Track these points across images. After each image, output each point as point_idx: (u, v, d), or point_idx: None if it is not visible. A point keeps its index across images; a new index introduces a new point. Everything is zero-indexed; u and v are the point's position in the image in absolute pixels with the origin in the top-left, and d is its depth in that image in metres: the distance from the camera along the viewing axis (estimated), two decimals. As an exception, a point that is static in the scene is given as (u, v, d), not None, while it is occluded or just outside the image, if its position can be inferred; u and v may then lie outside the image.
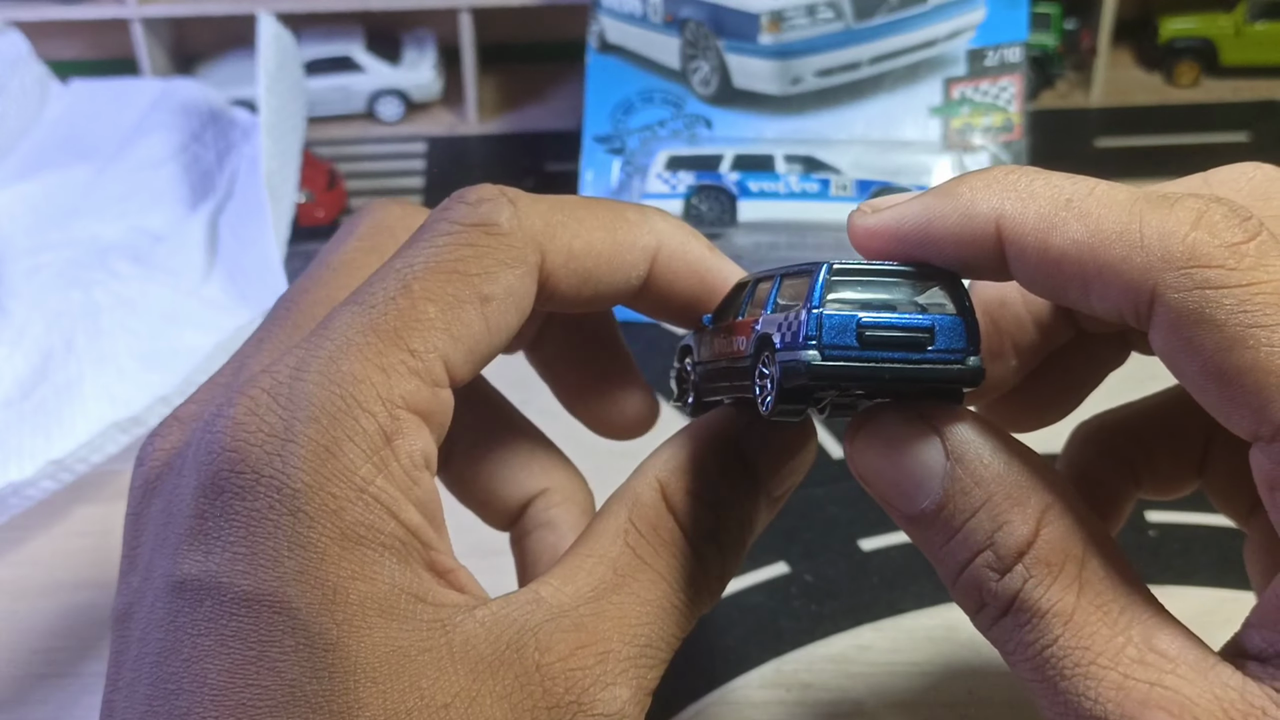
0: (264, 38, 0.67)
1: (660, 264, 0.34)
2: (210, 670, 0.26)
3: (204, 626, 0.26)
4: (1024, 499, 0.28)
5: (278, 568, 0.26)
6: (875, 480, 0.30)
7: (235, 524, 0.27)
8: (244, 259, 0.64)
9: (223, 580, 0.26)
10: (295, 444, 0.27)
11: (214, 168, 0.71)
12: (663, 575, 0.31)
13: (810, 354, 0.28)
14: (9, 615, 0.51)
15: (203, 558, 0.27)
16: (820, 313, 0.28)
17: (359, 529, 0.27)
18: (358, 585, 0.27)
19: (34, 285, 0.63)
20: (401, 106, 0.85)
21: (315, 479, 0.27)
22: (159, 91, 0.75)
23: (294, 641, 0.26)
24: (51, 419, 0.54)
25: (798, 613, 0.50)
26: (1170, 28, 0.86)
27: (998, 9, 0.72)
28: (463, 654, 0.27)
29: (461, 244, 0.30)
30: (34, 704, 0.48)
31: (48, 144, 0.73)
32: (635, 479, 0.32)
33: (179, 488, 0.29)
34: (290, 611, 0.26)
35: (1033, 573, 0.27)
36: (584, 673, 0.28)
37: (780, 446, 0.33)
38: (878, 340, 0.28)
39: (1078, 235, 0.27)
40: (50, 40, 0.82)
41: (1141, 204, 0.27)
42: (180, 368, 0.57)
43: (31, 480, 0.52)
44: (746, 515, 0.33)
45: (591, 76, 0.75)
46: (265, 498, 0.27)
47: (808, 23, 0.71)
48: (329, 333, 0.29)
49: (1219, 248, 0.26)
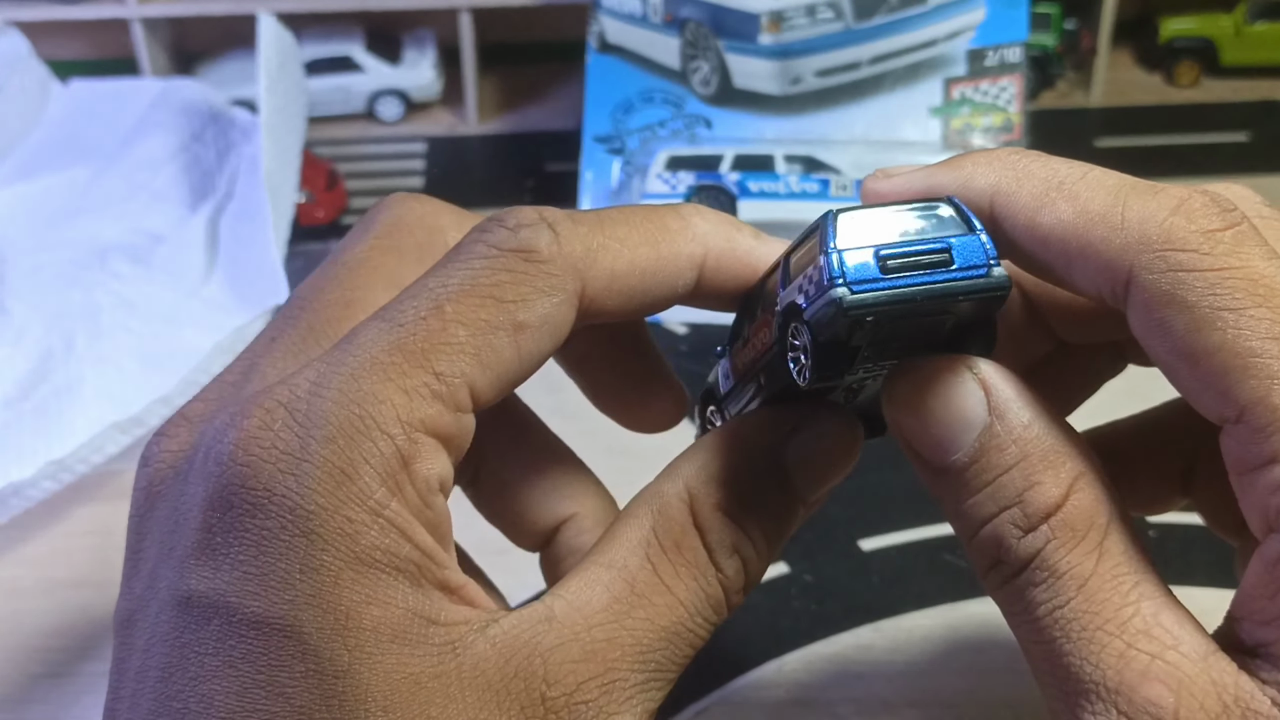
0: (264, 38, 0.67)
1: (709, 268, 0.33)
2: (217, 692, 0.26)
3: (212, 646, 0.26)
4: (1058, 462, 0.28)
5: (289, 591, 0.26)
6: (911, 429, 0.30)
7: (245, 542, 0.26)
8: (244, 259, 0.64)
9: (231, 600, 0.26)
10: (310, 464, 0.26)
11: (214, 168, 0.71)
12: (681, 601, 0.30)
13: (839, 292, 0.28)
14: (8, 615, 0.51)
15: (211, 574, 0.26)
16: (839, 251, 0.28)
17: (374, 553, 0.27)
18: (371, 610, 0.26)
19: (34, 285, 0.63)
20: (401, 106, 0.85)
21: (330, 501, 0.26)
22: (159, 91, 0.75)
23: (304, 668, 0.26)
24: (52, 419, 0.54)
25: (798, 613, 0.50)
26: (1170, 28, 0.86)
27: (998, 9, 0.72)
28: (472, 680, 0.27)
29: (499, 269, 0.29)
30: (33, 703, 0.48)
31: (48, 144, 0.73)
32: (665, 484, 0.31)
33: (185, 495, 0.28)
34: (301, 637, 0.26)
35: (1057, 534, 0.28)
36: (589, 705, 0.28)
37: (819, 449, 0.32)
38: (901, 265, 0.28)
39: (1064, 215, 0.28)
40: (50, 40, 0.82)
41: (1127, 189, 0.28)
42: (180, 368, 0.56)
43: (31, 480, 0.52)
44: (779, 529, 0.32)
45: (591, 76, 0.75)
46: (277, 517, 0.26)
47: (808, 23, 0.71)
48: (353, 348, 0.28)
49: (1194, 233, 0.27)
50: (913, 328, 0.29)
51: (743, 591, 0.31)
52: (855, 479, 0.31)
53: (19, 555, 0.54)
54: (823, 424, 0.32)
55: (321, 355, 0.28)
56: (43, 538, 0.54)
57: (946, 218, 0.30)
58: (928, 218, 0.29)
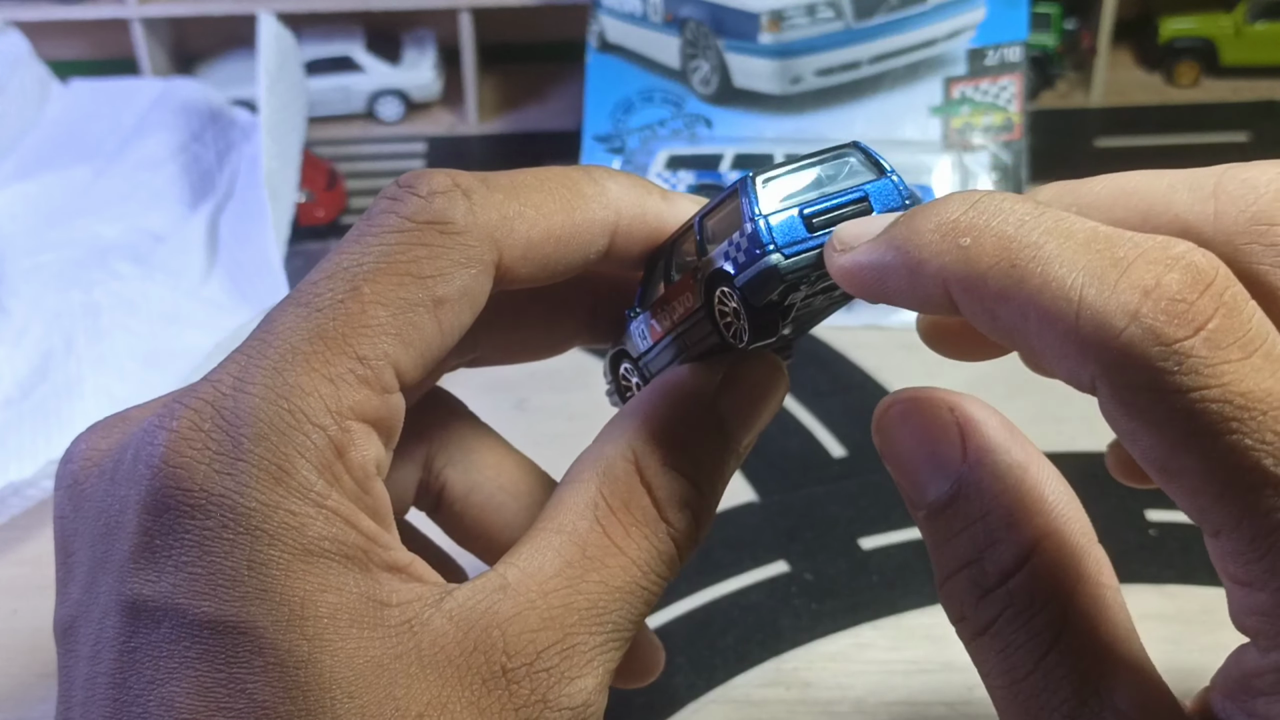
0: (264, 37, 0.67)
1: (621, 233, 0.33)
2: (177, 693, 0.26)
3: (165, 649, 0.26)
4: (1021, 522, 0.27)
5: (238, 588, 0.26)
6: (893, 461, 0.29)
7: (187, 544, 0.26)
8: (244, 259, 0.64)
9: (180, 602, 0.26)
10: (245, 462, 0.26)
11: (214, 167, 0.71)
12: (634, 560, 0.30)
13: (774, 259, 0.29)
14: (8, 614, 0.51)
15: (155, 577, 0.26)
16: (765, 217, 0.29)
17: (321, 543, 0.26)
18: (326, 598, 0.26)
19: (34, 285, 0.63)
20: (401, 106, 0.85)
21: (270, 497, 0.26)
22: (159, 91, 0.75)
23: (263, 661, 0.25)
24: (52, 419, 0.54)
25: (798, 611, 0.50)
26: (1170, 28, 0.86)
27: (998, 9, 0.72)
28: (432, 657, 0.27)
29: (414, 243, 0.29)
30: (33, 703, 0.48)
31: (48, 144, 0.73)
32: (607, 446, 0.31)
33: (114, 497, 0.28)
34: (256, 632, 0.26)
35: (1014, 601, 0.27)
36: (549, 672, 0.28)
37: (752, 396, 0.32)
38: (826, 220, 0.29)
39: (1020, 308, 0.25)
40: (50, 40, 0.82)
41: (1083, 278, 0.24)
42: (180, 368, 0.56)
43: (32, 480, 0.52)
44: (721, 476, 0.32)
45: (591, 76, 0.75)
46: (218, 516, 0.26)
47: (808, 22, 0.71)
48: (272, 338, 0.28)
49: (1158, 349, 0.23)
50: None
51: (694, 543, 0.31)
52: (855, 478, 0.31)
53: (19, 555, 0.54)
54: (751, 370, 0.32)
55: (243, 346, 0.28)
56: (42, 537, 0.54)
57: (856, 164, 0.30)
58: (839, 167, 0.30)
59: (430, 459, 0.37)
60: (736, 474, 0.57)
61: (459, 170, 0.30)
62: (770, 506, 0.55)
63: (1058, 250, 0.25)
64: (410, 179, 0.30)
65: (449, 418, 0.38)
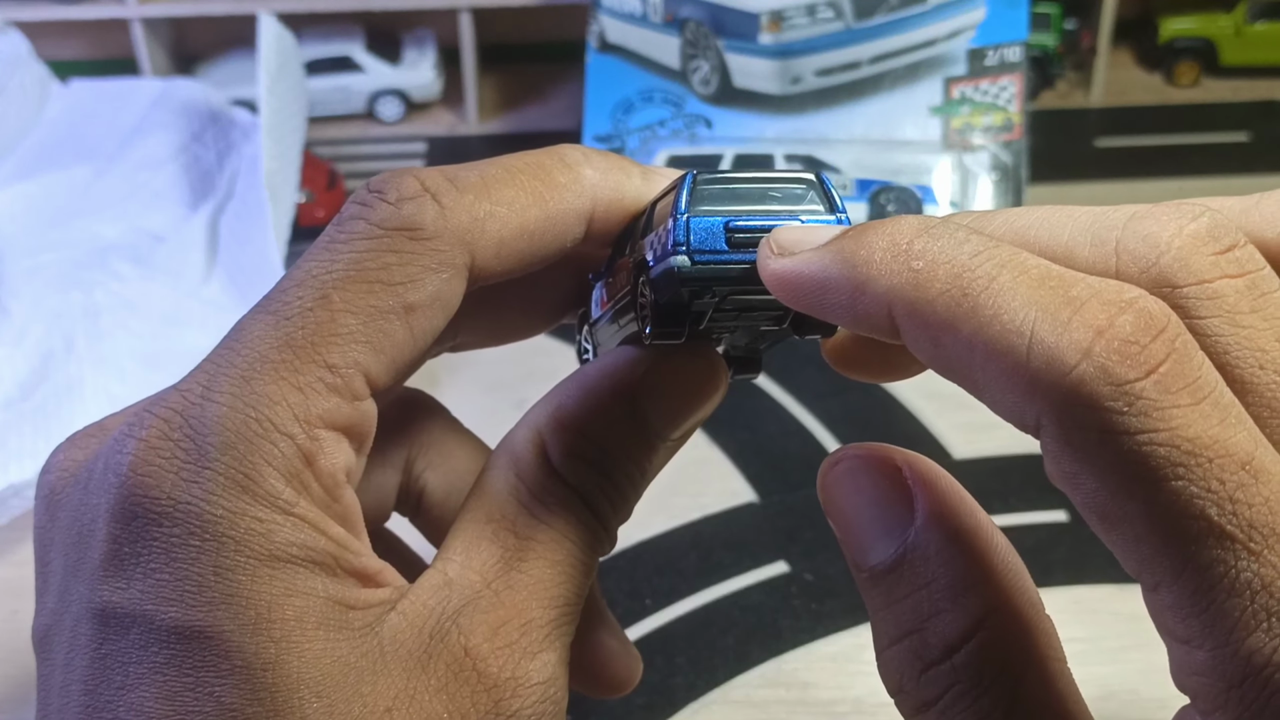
0: (265, 38, 0.67)
1: (597, 218, 0.32)
2: (146, 699, 0.26)
3: (134, 654, 0.26)
4: (969, 592, 0.25)
5: (204, 594, 0.26)
6: (838, 519, 0.28)
7: (154, 551, 0.26)
8: (244, 259, 0.64)
9: (147, 609, 0.26)
10: (212, 470, 0.26)
11: (214, 168, 0.71)
12: (565, 534, 0.30)
13: (680, 259, 0.28)
14: (8, 614, 0.51)
15: (124, 585, 0.26)
16: (687, 217, 0.28)
17: (289, 549, 0.26)
18: (292, 602, 0.26)
19: (34, 286, 0.63)
20: (401, 106, 0.85)
21: (236, 505, 0.26)
22: (159, 92, 0.75)
23: (229, 665, 0.26)
24: (52, 420, 0.54)
25: (798, 611, 0.50)
26: (1170, 28, 0.87)
27: (998, 9, 0.72)
28: (394, 653, 0.27)
29: (384, 249, 0.28)
30: (33, 704, 0.47)
31: (48, 144, 0.73)
32: (518, 430, 0.31)
33: (86, 506, 0.28)
34: (222, 636, 0.26)
35: (960, 678, 0.25)
36: (511, 648, 0.28)
37: (676, 391, 0.31)
38: (747, 240, 0.28)
39: (967, 340, 0.24)
40: (50, 40, 0.82)
41: (1036, 312, 0.23)
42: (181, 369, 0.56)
43: (32, 481, 0.52)
44: (636, 464, 0.31)
45: (591, 76, 0.75)
46: (184, 524, 0.26)
47: (808, 22, 0.71)
48: (241, 346, 0.27)
49: (1108, 388, 0.22)
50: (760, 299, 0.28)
51: (608, 526, 0.31)
52: None
53: (19, 555, 0.54)
54: (682, 366, 0.31)
55: (213, 354, 0.28)
56: (43, 538, 0.54)
57: (808, 193, 0.29)
58: (788, 191, 0.29)
59: (410, 463, 0.37)
60: (736, 474, 0.58)
61: (429, 170, 0.30)
62: (770, 507, 0.55)
63: (1011, 284, 0.24)
64: (379, 183, 0.29)
65: (428, 421, 0.38)
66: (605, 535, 0.31)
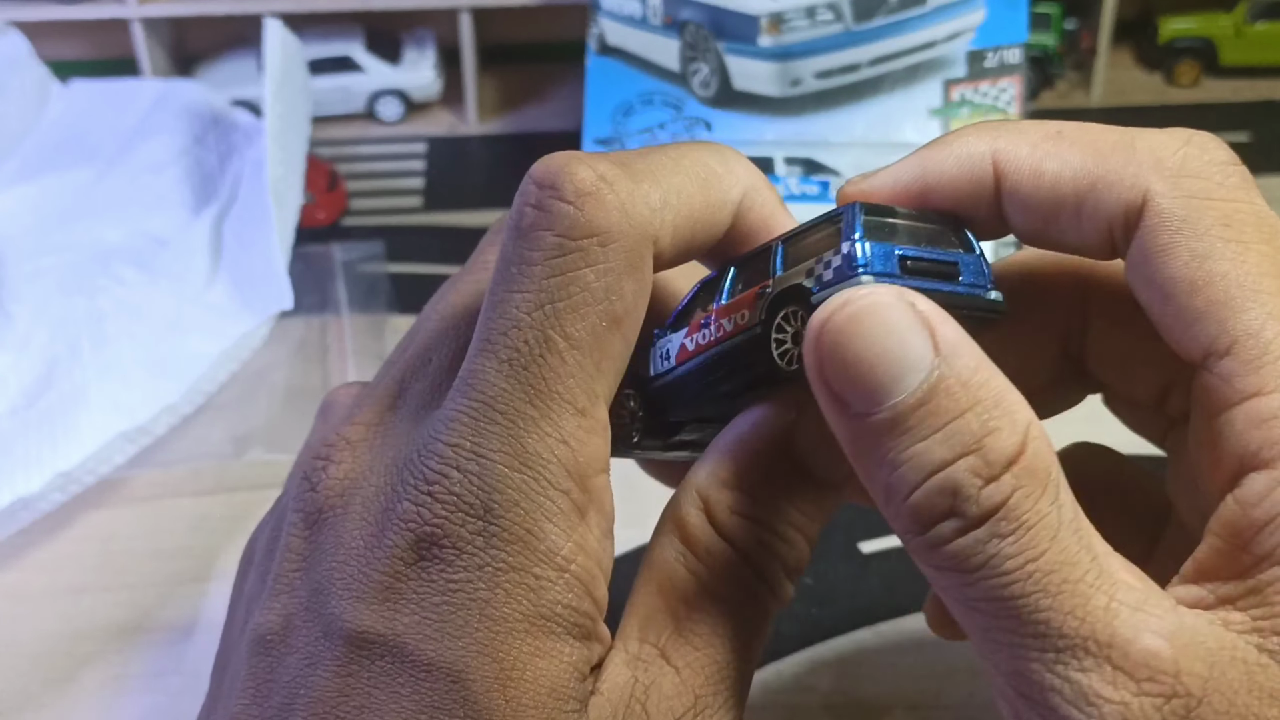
0: (270, 43, 0.67)
1: (739, 217, 0.32)
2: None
3: (380, 681, 0.27)
4: (1013, 409, 0.26)
5: (464, 639, 0.27)
6: (841, 371, 0.26)
7: (432, 590, 0.27)
8: (247, 264, 0.64)
9: (406, 641, 0.27)
10: (497, 527, 0.27)
11: (216, 171, 0.71)
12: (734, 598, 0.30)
13: (866, 278, 0.28)
14: (11, 619, 0.51)
15: (390, 615, 0.28)
16: (867, 241, 0.29)
17: (556, 607, 0.28)
18: (536, 663, 0.27)
19: (37, 290, 0.63)
20: (401, 106, 0.85)
21: (519, 560, 0.27)
22: (160, 93, 0.75)
23: (463, 712, 0.27)
24: (58, 427, 0.54)
25: (798, 616, 0.50)
26: (1170, 28, 0.86)
27: (997, 10, 0.72)
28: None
29: (582, 265, 0.28)
30: (35, 709, 0.48)
31: (48, 145, 0.73)
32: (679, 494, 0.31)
33: (362, 534, 0.29)
34: (466, 683, 0.27)
35: (1023, 483, 0.25)
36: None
37: None
38: (916, 269, 0.29)
39: (1071, 158, 0.29)
40: (50, 40, 0.81)
41: (1133, 131, 0.29)
42: (186, 375, 0.56)
43: (41, 494, 0.52)
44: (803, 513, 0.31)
45: (591, 79, 0.75)
46: (465, 571, 0.27)
47: (807, 24, 0.71)
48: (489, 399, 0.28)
49: (1208, 164, 0.28)
50: None
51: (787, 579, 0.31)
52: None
53: (23, 561, 0.54)
54: None
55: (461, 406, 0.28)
56: (47, 543, 0.54)
57: (952, 236, 0.31)
58: (938, 233, 0.30)
59: None
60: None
61: (598, 157, 0.30)
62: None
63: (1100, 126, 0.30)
64: (550, 176, 0.29)
65: None
66: (776, 597, 0.31)
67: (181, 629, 0.51)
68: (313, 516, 0.30)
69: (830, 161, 0.70)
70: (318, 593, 0.29)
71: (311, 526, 0.30)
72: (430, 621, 0.27)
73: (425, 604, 0.27)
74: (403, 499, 0.28)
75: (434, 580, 0.27)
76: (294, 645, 0.29)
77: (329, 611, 0.28)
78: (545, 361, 0.28)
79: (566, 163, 0.29)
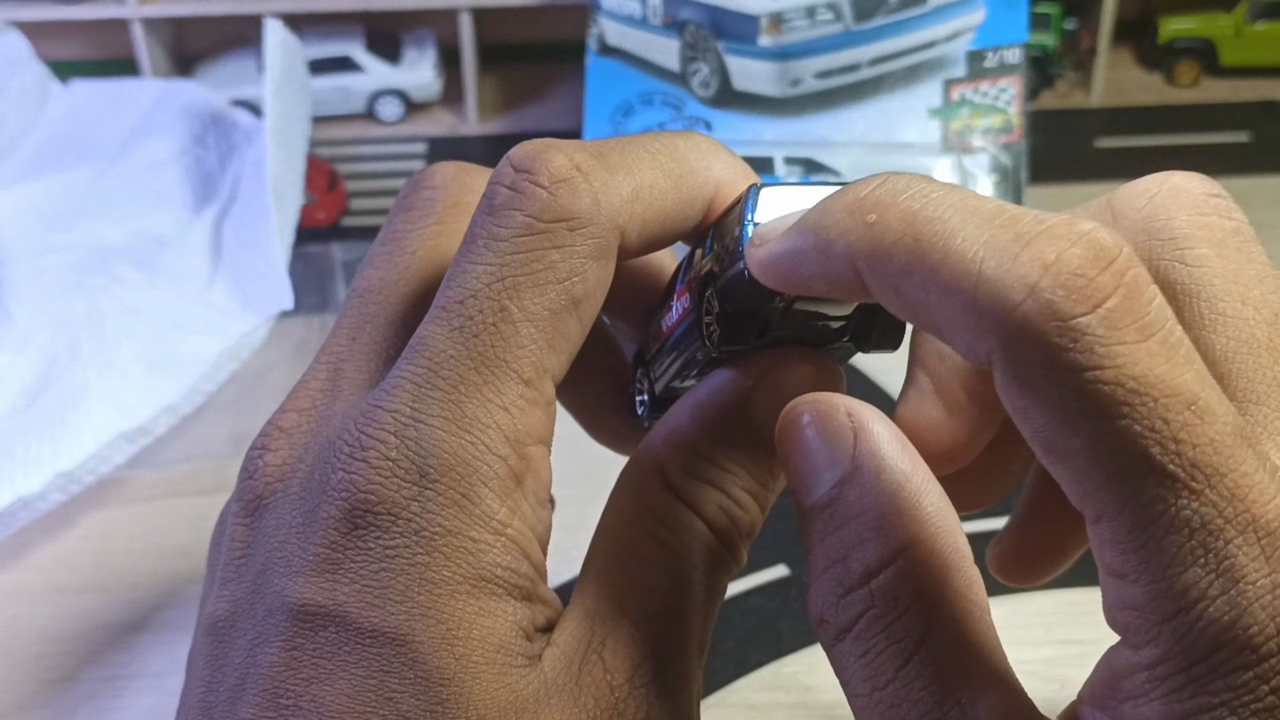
0: (270, 43, 0.67)
1: (712, 210, 0.32)
2: (328, 693, 0.27)
3: (326, 651, 0.27)
4: (892, 525, 0.26)
5: (406, 603, 0.27)
6: (788, 459, 0.28)
7: (369, 558, 0.27)
8: (247, 264, 0.64)
9: (349, 610, 0.27)
10: (433, 491, 0.27)
11: (216, 171, 0.71)
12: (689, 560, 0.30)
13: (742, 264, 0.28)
14: (10, 619, 0.51)
15: (329, 585, 0.28)
16: (756, 223, 0.29)
17: (495, 569, 0.28)
18: (481, 621, 0.27)
19: (37, 289, 0.63)
20: (401, 106, 0.85)
21: (454, 524, 0.27)
22: (159, 93, 0.75)
23: (412, 674, 0.27)
24: (58, 427, 0.54)
25: (798, 615, 0.50)
26: (1170, 28, 0.87)
27: (997, 10, 0.72)
28: (554, 685, 0.28)
29: (547, 246, 0.29)
30: (35, 709, 0.48)
31: (48, 145, 0.73)
32: (636, 455, 0.32)
33: (299, 511, 0.29)
34: (412, 645, 0.27)
35: (876, 603, 0.26)
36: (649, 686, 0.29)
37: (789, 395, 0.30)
38: None
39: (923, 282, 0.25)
40: (50, 40, 0.82)
41: (984, 251, 0.24)
42: (186, 375, 0.56)
43: (41, 494, 0.52)
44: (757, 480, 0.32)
45: (591, 79, 0.75)
46: (402, 536, 0.27)
47: (807, 24, 0.71)
48: (434, 364, 0.28)
49: (1054, 324, 0.23)
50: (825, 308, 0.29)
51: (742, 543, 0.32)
52: None
53: (22, 560, 0.54)
54: (789, 368, 0.31)
55: (405, 373, 0.29)
56: (46, 543, 0.54)
57: None
58: None
59: None
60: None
61: (574, 145, 0.30)
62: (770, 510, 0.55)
63: (960, 224, 0.24)
64: (526, 160, 0.29)
65: None
66: (730, 557, 0.31)
67: (181, 629, 0.51)
68: (252, 504, 0.31)
69: (830, 161, 0.70)
70: (261, 574, 0.29)
71: (252, 514, 0.30)
72: (371, 589, 0.27)
73: (364, 572, 0.27)
74: (336, 469, 0.28)
75: (370, 548, 0.27)
76: (242, 628, 0.29)
77: (271, 590, 0.28)
78: (497, 330, 0.28)
79: (544, 149, 0.29)
